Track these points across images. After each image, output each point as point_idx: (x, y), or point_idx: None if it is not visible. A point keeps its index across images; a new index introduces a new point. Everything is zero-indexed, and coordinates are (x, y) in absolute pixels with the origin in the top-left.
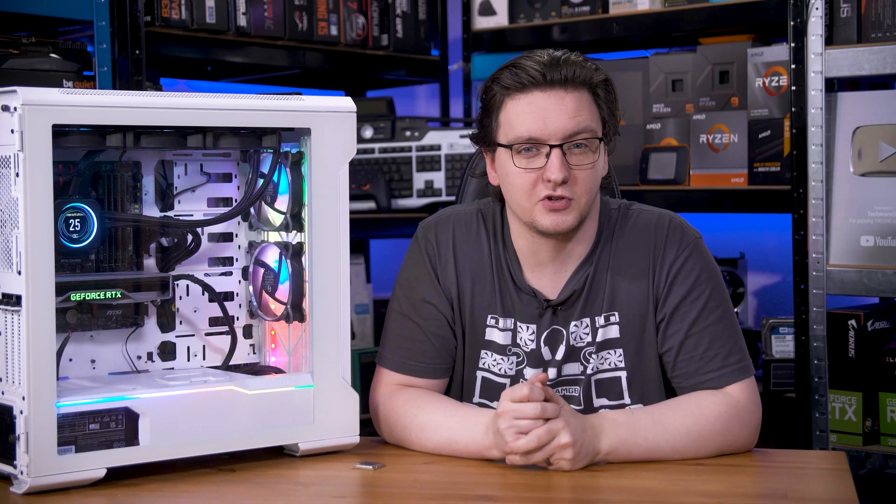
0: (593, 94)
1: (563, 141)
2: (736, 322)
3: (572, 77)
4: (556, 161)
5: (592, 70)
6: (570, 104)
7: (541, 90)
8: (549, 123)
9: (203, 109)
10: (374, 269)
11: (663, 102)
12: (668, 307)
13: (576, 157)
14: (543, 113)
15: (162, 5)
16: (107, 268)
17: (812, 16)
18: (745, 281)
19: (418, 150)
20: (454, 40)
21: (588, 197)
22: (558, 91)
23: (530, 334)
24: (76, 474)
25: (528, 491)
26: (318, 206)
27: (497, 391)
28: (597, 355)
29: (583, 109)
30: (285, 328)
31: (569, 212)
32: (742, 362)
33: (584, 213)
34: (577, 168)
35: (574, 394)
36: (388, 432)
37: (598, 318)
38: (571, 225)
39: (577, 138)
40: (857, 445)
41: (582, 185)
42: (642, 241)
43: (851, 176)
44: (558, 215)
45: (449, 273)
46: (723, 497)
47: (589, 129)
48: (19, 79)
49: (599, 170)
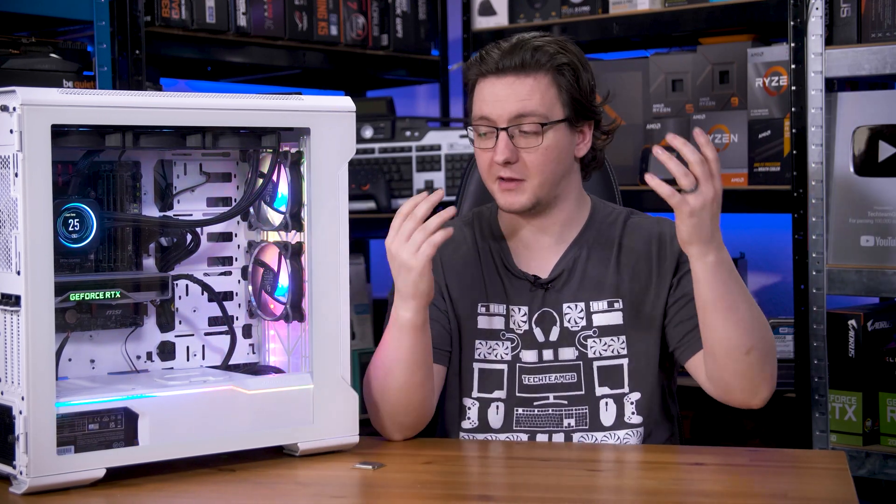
0: (554, 78)
1: (509, 124)
2: None
3: (524, 63)
4: (501, 143)
5: (551, 54)
6: (519, 89)
7: (496, 76)
8: (497, 107)
9: (202, 109)
10: (374, 269)
11: (663, 102)
12: (671, 276)
13: (523, 140)
14: (494, 96)
15: (162, 5)
16: (106, 268)
17: (812, 16)
18: (745, 281)
19: (418, 150)
20: (454, 40)
21: (541, 178)
22: (509, 77)
23: (522, 315)
24: (75, 474)
25: (528, 491)
26: (317, 205)
27: (494, 380)
28: (599, 340)
29: (534, 94)
30: (285, 328)
31: (520, 192)
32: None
33: (539, 193)
34: (524, 150)
35: (571, 380)
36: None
37: (595, 302)
38: (524, 205)
39: (523, 121)
40: (857, 445)
41: (532, 166)
42: (645, 234)
43: (851, 176)
44: (510, 195)
45: (437, 269)
46: (723, 497)
47: (536, 112)
48: (19, 79)
49: (553, 151)
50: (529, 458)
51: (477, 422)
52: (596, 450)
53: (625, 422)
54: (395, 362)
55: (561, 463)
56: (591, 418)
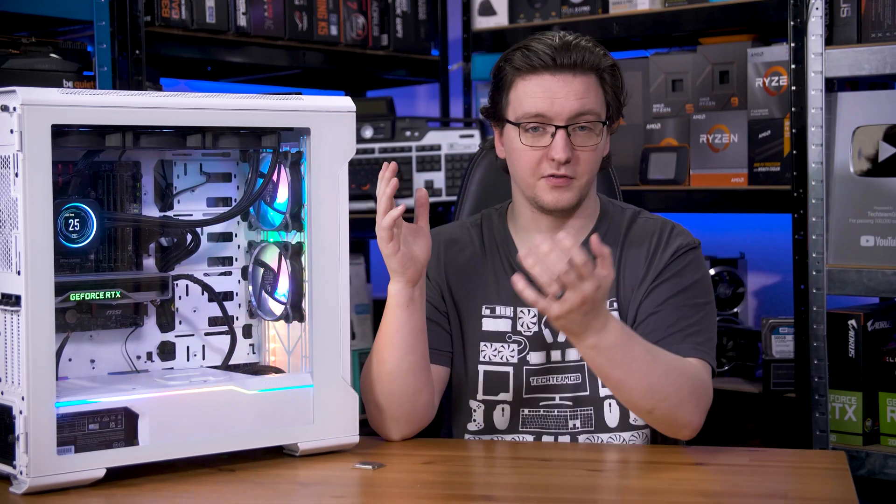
0: (600, 79)
1: (569, 122)
2: (713, 323)
3: (581, 62)
4: (561, 141)
5: (601, 55)
6: (577, 87)
7: (550, 73)
8: (556, 104)
9: (203, 109)
10: (374, 269)
11: (663, 102)
12: (648, 284)
13: (580, 138)
14: (551, 94)
15: (162, 5)
16: (106, 268)
17: (812, 16)
18: (745, 281)
19: (418, 150)
20: (454, 40)
21: (588, 177)
22: (566, 74)
23: (532, 317)
24: (75, 474)
25: (528, 491)
26: (317, 206)
27: (500, 382)
28: None
29: (589, 93)
30: (285, 328)
31: (569, 189)
32: (706, 347)
33: (583, 192)
34: (581, 149)
35: (576, 381)
36: (363, 393)
37: None
38: (571, 202)
39: (582, 120)
40: (857, 445)
41: (584, 165)
42: (648, 236)
43: (851, 176)
44: (559, 192)
45: (440, 271)
46: (723, 497)
47: (594, 111)
48: (19, 79)
49: (601, 151)
50: (530, 457)
51: (483, 424)
52: (596, 450)
53: (630, 423)
54: (384, 344)
55: (561, 463)
56: (597, 420)
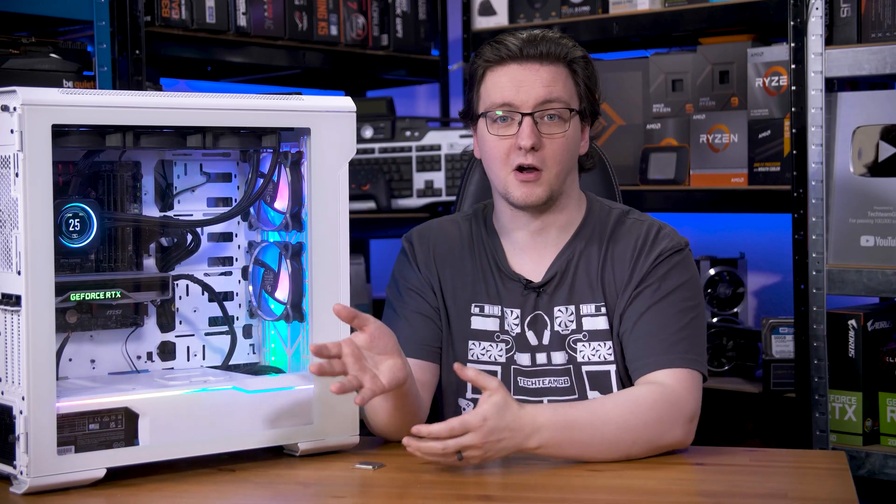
0: (570, 70)
1: (535, 109)
2: (702, 327)
3: (548, 52)
4: (527, 128)
5: (569, 47)
6: (544, 75)
7: (517, 63)
8: (522, 91)
9: (203, 109)
10: (374, 269)
11: (663, 102)
12: (632, 290)
13: (547, 126)
14: (517, 82)
15: (162, 5)
16: (106, 268)
17: (812, 16)
18: (745, 281)
19: (418, 150)
20: (454, 40)
21: (558, 168)
22: (534, 63)
23: (515, 318)
24: (76, 474)
25: (528, 491)
26: (317, 205)
27: None
28: (588, 345)
29: (557, 82)
30: (285, 328)
31: (539, 184)
32: (690, 354)
33: (554, 186)
34: (548, 137)
35: (564, 384)
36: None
37: (585, 305)
38: (541, 197)
39: (549, 107)
40: (857, 445)
41: (552, 155)
42: (633, 239)
43: (851, 176)
44: (529, 187)
45: (430, 267)
46: (723, 497)
47: (561, 99)
48: (19, 79)
49: (571, 142)
50: (529, 457)
51: None
52: None
53: None
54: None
55: (561, 462)
56: None
